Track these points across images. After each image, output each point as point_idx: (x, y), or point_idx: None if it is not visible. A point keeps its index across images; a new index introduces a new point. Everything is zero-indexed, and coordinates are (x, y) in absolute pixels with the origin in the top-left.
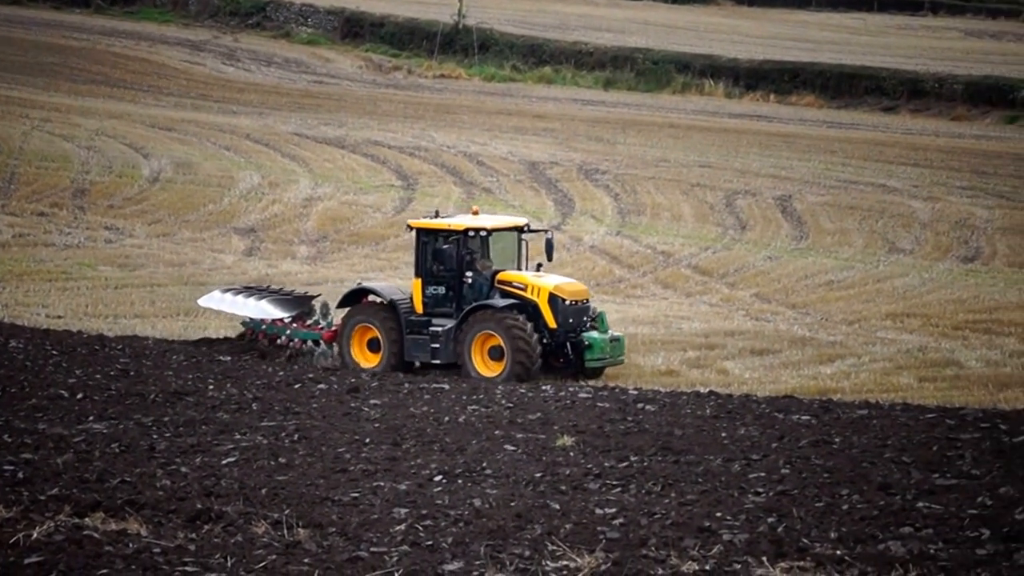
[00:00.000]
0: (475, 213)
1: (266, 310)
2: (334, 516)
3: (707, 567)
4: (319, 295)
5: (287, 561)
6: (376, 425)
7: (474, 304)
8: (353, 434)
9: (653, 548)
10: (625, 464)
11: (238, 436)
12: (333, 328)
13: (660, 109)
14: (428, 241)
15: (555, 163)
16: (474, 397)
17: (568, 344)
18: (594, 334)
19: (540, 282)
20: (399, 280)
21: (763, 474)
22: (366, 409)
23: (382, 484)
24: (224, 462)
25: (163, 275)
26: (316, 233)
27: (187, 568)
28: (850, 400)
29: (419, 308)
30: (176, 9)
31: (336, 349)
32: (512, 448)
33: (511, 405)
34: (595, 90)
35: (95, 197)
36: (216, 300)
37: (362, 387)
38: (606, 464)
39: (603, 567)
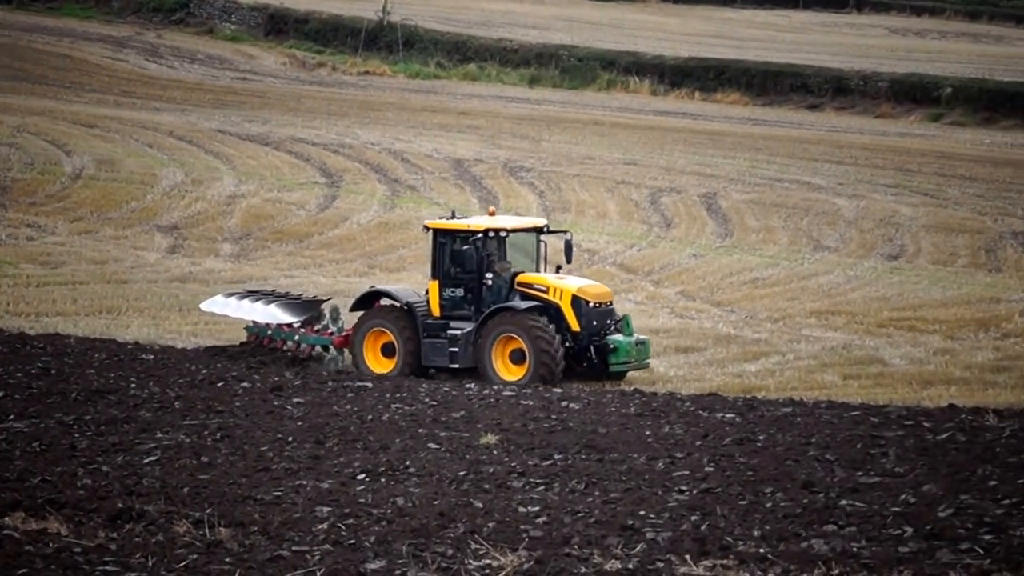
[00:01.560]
0: (492, 214)
1: (275, 314)
2: (256, 515)
3: (630, 565)
4: (329, 299)
5: (208, 560)
6: (299, 424)
7: (495, 306)
8: (276, 433)
9: (576, 546)
10: (549, 462)
11: (160, 435)
12: (344, 333)
13: (585, 106)
14: (446, 242)
15: (480, 160)
16: (398, 395)
17: (592, 347)
18: (619, 337)
19: (563, 284)
20: (322, 278)
21: (687, 472)
22: (289, 408)
23: (305, 483)
24: (146, 461)
25: (85, 273)
26: (239, 231)
27: (107, 568)
28: (774, 398)
29: (436, 311)
30: (99, 5)
31: (346, 355)
32: (435, 446)
33: (435, 403)
34: (520, 87)
35: (16, 194)
36: (220, 304)
37: (285, 386)
38: (530, 462)
39: (526, 566)
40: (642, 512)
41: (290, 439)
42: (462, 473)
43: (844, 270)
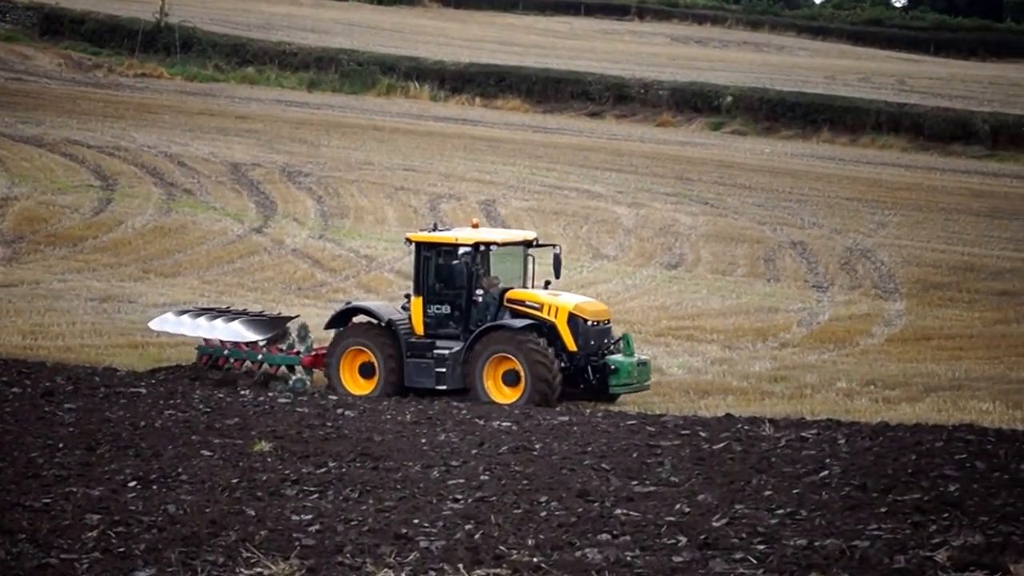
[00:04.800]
0: (475, 226)
1: (238, 332)
2: (24, 522)
3: (403, 574)
4: (296, 316)
5: None
6: (70, 430)
7: (486, 324)
8: (46, 439)
9: (349, 555)
10: (323, 470)
11: None
12: (313, 352)
13: (364, 111)
14: (430, 256)
15: (258, 165)
16: (171, 402)
17: (590, 368)
18: (619, 357)
19: (558, 301)
20: (96, 283)
21: (462, 480)
22: (60, 413)
23: (75, 490)
24: None
25: None
26: (12, 234)
27: None
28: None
29: (419, 329)
30: None
31: (313, 376)
32: (209, 454)
33: (208, 410)
34: (299, 91)
35: None
36: (172, 323)
37: (57, 391)
38: (304, 470)
39: (298, 574)
40: (416, 520)
41: (61, 445)
42: (235, 480)
43: (623, 279)
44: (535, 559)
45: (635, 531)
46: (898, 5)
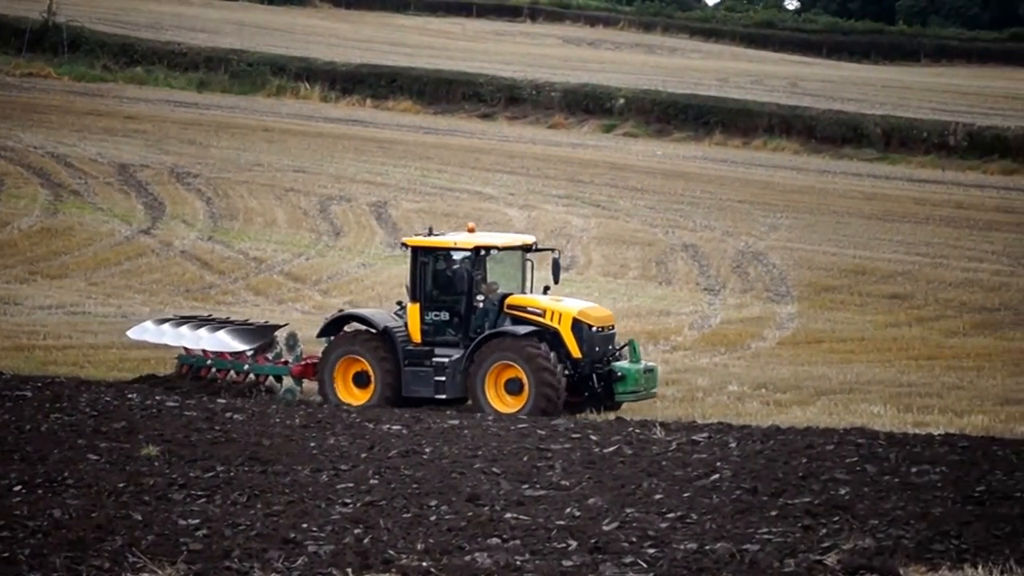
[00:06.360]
0: (471, 230)
1: (225, 342)
2: None
3: None
4: (285, 324)
5: None
6: None
7: (489, 331)
8: None
9: (236, 560)
10: (211, 474)
11: None
12: (304, 361)
13: (254, 112)
14: (427, 261)
15: (146, 166)
16: (57, 405)
17: (595, 376)
18: (625, 364)
19: (561, 307)
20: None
21: (351, 484)
22: None
23: None
24: None
25: None
26: None
27: None
28: (442, 410)
29: (416, 337)
30: None
31: (303, 386)
32: (95, 457)
33: (95, 413)
34: (188, 91)
35: None
36: (152, 333)
37: None
38: (191, 474)
39: None
40: (304, 525)
41: None
42: (122, 485)
43: None
44: (424, 563)
45: (525, 535)
46: (791, 8)
